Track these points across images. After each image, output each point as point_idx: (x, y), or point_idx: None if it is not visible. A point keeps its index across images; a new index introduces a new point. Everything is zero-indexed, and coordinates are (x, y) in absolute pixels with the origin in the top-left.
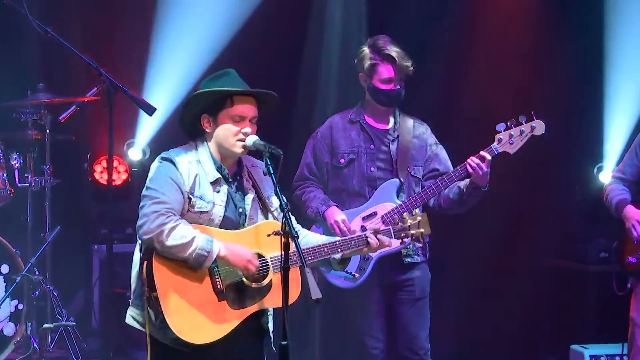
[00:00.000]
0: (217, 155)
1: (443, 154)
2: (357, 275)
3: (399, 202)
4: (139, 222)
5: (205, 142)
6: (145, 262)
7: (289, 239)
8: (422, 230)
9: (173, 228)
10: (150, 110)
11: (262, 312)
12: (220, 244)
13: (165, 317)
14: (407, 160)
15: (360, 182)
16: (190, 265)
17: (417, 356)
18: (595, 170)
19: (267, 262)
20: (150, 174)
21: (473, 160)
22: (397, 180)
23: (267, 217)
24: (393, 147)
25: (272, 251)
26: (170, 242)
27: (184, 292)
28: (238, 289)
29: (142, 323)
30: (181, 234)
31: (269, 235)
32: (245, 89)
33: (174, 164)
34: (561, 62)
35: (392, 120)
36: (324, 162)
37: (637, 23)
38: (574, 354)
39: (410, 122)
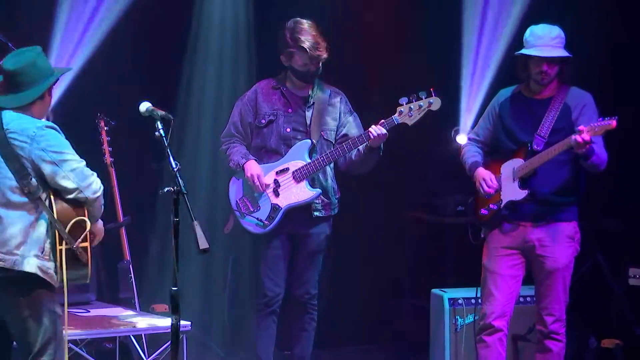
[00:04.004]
0: None
1: (356, 122)
2: (266, 222)
3: (309, 161)
4: (85, 182)
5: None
6: (74, 218)
7: (179, 195)
8: None
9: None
10: None
11: None
12: None
13: (90, 260)
14: (320, 124)
15: (277, 141)
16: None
17: (304, 298)
18: (453, 132)
19: None
20: (55, 141)
21: (376, 130)
22: (309, 141)
23: None
24: (309, 112)
25: None
26: (102, 200)
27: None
28: None
29: (51, 274)
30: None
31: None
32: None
33: (57, 129)
34: (423, 36)
35: (311, 89)
36: (247, 122)
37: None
38: (434, 297)
39: (327, 90)
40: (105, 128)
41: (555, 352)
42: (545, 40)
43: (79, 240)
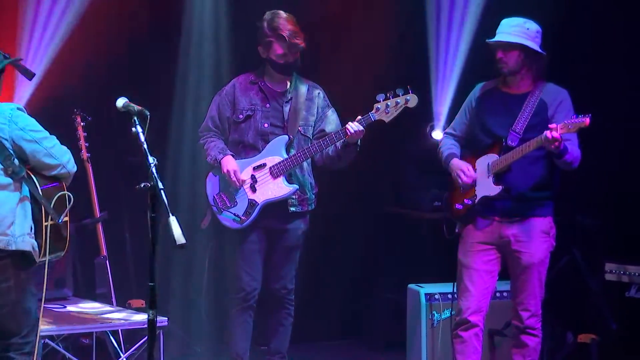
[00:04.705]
0: None
1: (333, 117)
2: (243, 218)
3: (286, 156)
4: (65, 158)
5: None
6: (57, 193)
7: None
8: None
9: None
10: (30, 75)
11: None
12: None
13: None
14: (297, 119)
15: (255, 136)
16: None
17: (281, 293)
18: (428, 128)
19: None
20: (30, 121)
21: (353, 127)
22: (286, 136)
23: None
24: (286, 107)
25: None
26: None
27: None
28: None
29: (36, 252)
30: None
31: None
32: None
33: (24, 111)
34: (397, 32)
35: (288, 83)
36: (225, 117)
37: None
38: (411, 292)
39: (305, 85)
40: (82, 124)
41: (532, 347)
42: (503, 28)
43: (63, 215)
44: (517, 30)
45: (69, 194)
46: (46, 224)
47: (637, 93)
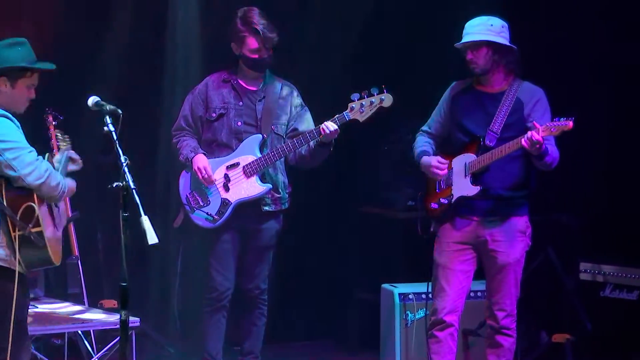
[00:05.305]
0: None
1: (307, 116)
2: (216, 217)
3: (259, 155)
4: (26, 170)
5: None
6: (24, 204)
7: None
8: None
9: (51, 170)
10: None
11: None
12: None
13: (47, 243)
14: (271, 118)
15: (228, 135)
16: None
17: (254, 293)
18: (401, 127)
19: None
20: (1, 130)
21: (328, 126)
22: (260, 135)
23: None
24: (259, 106)
25: None
26: (54, 182)
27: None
28: None
29: (10, 261)
30: (55, 176)
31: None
32: (50, 66)
33: (10, 118)
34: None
35: (262, 82)
36: (198, 116)
37: None
38: (384, 292)
39: (278, 84)
40: (54, 123)
41: (506, 347)
42: (467, 30)
43: (30, 225)
44: (481, 28)
45: (32, 205)
46: (14, 234)
47: (615, 93)
